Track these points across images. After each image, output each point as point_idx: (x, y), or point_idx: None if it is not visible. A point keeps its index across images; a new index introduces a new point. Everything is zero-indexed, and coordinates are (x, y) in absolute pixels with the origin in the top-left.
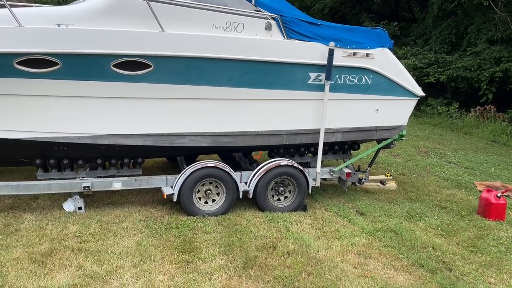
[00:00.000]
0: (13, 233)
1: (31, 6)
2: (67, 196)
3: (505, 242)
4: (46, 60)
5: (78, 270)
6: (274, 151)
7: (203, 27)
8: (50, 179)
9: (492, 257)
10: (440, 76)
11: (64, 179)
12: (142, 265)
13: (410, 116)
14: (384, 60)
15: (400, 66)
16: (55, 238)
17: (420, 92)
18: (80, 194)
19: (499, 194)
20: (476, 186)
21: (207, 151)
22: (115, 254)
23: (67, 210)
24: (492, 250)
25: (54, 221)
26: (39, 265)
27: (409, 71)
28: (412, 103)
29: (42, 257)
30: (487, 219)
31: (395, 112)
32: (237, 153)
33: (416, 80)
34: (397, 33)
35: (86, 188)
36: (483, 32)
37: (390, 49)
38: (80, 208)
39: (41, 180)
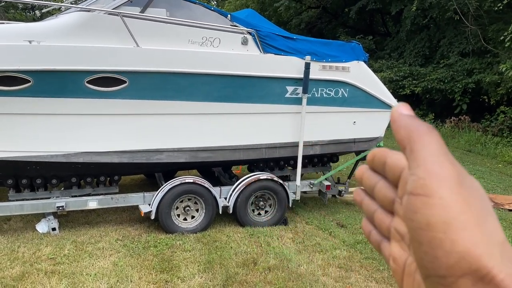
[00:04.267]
0: None
1: (3, 23)
2: (40, 216)
3: None
4: (17, 77)
5: None
6: (253, 165)
7: (179, 42)
8: (23, 199)
9: None
10: (415, 88)
11: (37, 199)
12: (118, 287)
13: (387, 127)
14: (359, 73)
15: (375, 78)
16: (27, 261)
17: (395, 103)
18: (54, 215)
19: None
20: None
21: (186, 166)
22: (90, 275)
23: (40, 232)
24: None
25: (26, 243)
26: None
27: (385, 84)
28: (388, 114)
29: (13, 281)
30: None
31: (372, 124)
32: (217, 168)
33: (392, 93)
34: (372, 46)
35: (60, 208)
36: (455, 45)
37: (365, 62)
38: (54, 229)
39: (13, 200)
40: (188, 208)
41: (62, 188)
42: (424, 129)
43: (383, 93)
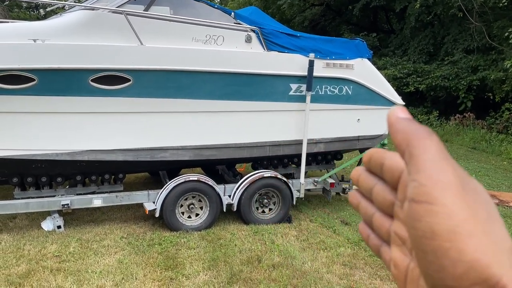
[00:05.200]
0: None
1: (7, 22)
2: (45, 214)
3: None
4: (22, 76)
5: None
6: (257, 163)
7: (182, 40)
8: (28, 197)
9: None
10: (419, 86)
11: (43, 197)
12: (123, 284)
13: None
14: (363, 71)
15: (380, 76)
16: (33, 258)
17: (399, 101)
18: (59, 212)
19: None
20: None
21: (190, 164)
22: (96, 273)
23: (45, 229)
24: None
25: (32, 241)
26: (16, 287)
27: (389, 81)
28: None
29: (19, 278)
30: None
31: (376, 121)
32: (221, 166)
33: (396, 90)
34: (376, 44)
35: (66, 206)
36: (460, 41)
37: (369, 59)
38: (59, 227)
39: (19, 199)
40: (192, 206)
41: (67, 186)
42: (423, 133)
43: (387, 90)
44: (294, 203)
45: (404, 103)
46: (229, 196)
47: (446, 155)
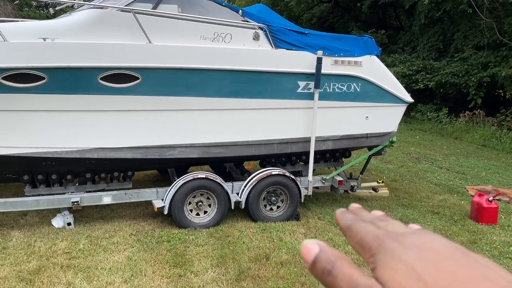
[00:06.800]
0: (1, 251)
1: (17, 21)
2: (56, 212)
3: (498, 246)
4: (32, 74)
5: (67, 287)
6: (265, 160)
7: (190, 38)
8: (39, 195)
9: None
10: (428, 83)
11: (53, 194)
12: (132, 281)
13: (400, 122)
14: (372, 68)
15: (388, 73)
16: (43, 255)
17: (408, 98)
18: (69, 210)
19: (490, 198)
20: (468, 191)
21: (198, 162)
22: (105, 270)
23: (56, 226)
24: (485, 255)
25: (42, 237)
26: (27, 284)
27: (398, 78)
28: (401, 109)
29: (30, 275)
30: (480, 223)
31: (385, 118)
32: (229, 163)
33: (405, 87)
34: (385, 41)
35: (75, 203)
36: (470, 38)
37: (378, 56)
38: (69, 224)
39: (29, 196)
40: (200, 203)
41: (77, 184)
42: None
43: (396, 87)
44: (302, 200)
45: (413, 100)
46: (237, 193)
47: None
